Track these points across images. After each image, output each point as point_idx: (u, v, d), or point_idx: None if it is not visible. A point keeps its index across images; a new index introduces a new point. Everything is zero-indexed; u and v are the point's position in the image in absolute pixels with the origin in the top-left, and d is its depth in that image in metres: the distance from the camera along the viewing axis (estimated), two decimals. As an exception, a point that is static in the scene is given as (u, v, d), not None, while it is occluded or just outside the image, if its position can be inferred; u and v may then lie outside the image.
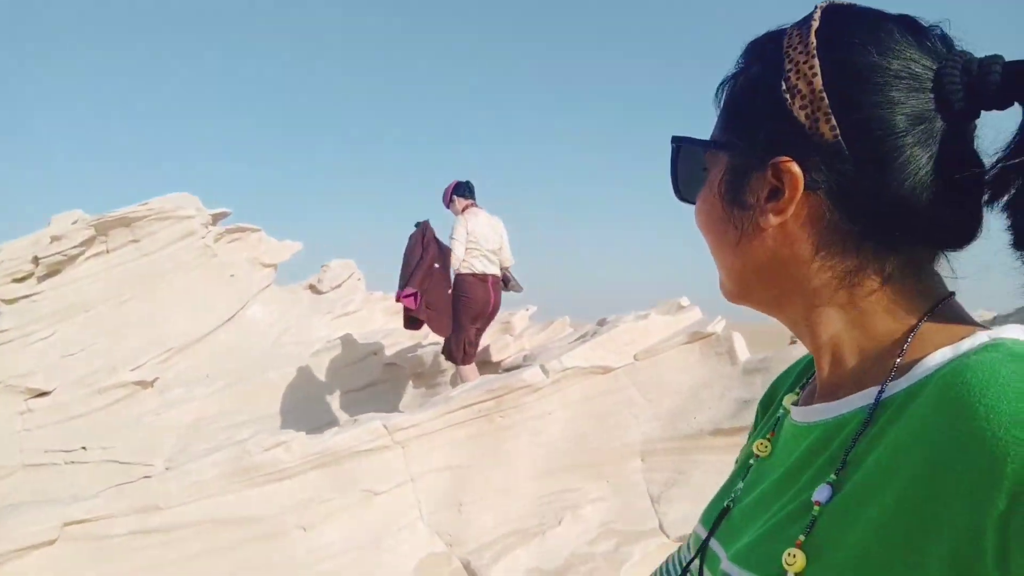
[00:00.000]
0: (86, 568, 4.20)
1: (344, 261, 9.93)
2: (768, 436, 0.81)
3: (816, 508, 0.60)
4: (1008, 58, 0.61)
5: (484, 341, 7.17)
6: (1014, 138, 0.60)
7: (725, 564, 0.70)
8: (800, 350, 5.45)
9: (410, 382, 7.81)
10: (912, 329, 0.64)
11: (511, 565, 4.50)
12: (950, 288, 0.69)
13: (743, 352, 5.26)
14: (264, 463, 4.57)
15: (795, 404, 0.78)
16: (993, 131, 0.63)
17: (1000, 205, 0.62)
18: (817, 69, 0.65)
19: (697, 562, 0.81)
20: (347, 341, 8.12)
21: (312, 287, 9.67)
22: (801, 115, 0.65)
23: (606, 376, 5.32)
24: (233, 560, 4.41)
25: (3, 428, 6.73)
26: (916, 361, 0.61)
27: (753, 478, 0.79)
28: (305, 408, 7.60)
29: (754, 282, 0.74)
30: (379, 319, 9.29)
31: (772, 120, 0.67)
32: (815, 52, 0.66)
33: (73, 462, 6.85)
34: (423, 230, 6.63)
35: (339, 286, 9.65)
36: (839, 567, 0.56)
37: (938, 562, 0.49)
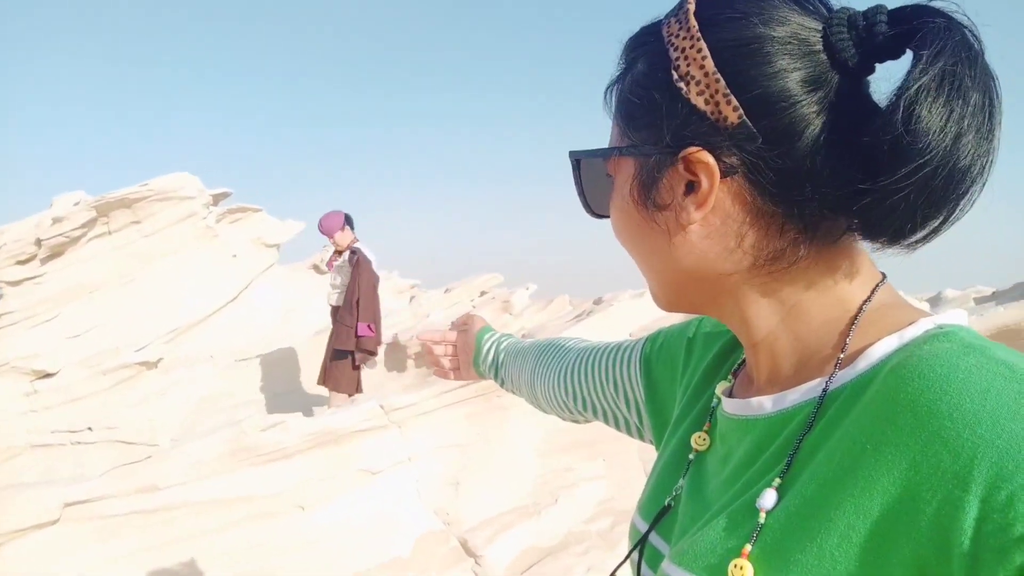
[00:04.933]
0: (87, 547, 4.26)
1: (347, 240, 9.91)
2: (705, 428, 0.78)
3: (762, 516, 0.57)
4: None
5: (485, 319, 7.17)
6: (902, 82, 0.55)
7: (667, 565, 0.67)
8: None
9: (411, 361, 7.84)
10: (854, 317, 0.62)
11: (508, 543, 4.53)
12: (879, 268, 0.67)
13: (740, 329, 5.24)
14: (262, 443, 4.60)
15: (728, 394, 0.76)
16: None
17: None
18: (706, 51, 0.61)
19: (636, 555, 0.79)
20: (349, 321, 8.14)
21: (315, 267, 9.70)
22: (700, 101, 0.62)
23: (603, 354, 5.31)
24: (232, 539, 4.46)
25: (9, 409, 6.78)
26: (860, 351, 0.59)
27: (694, 473, 0.76)
28: (308, 388, 7.65)
29: (687, 283, 0.70)
30: (383, 299, 9.30)
31: (671, 113, 0.64)
32: (699, 35, 0.62)
33: (79, 443, 6.91)
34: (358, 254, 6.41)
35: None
36: (796, 573, 0.52)
37: (902, 570, 0.47)
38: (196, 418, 7.15)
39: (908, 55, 0.57)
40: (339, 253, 6.39)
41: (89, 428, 6.84)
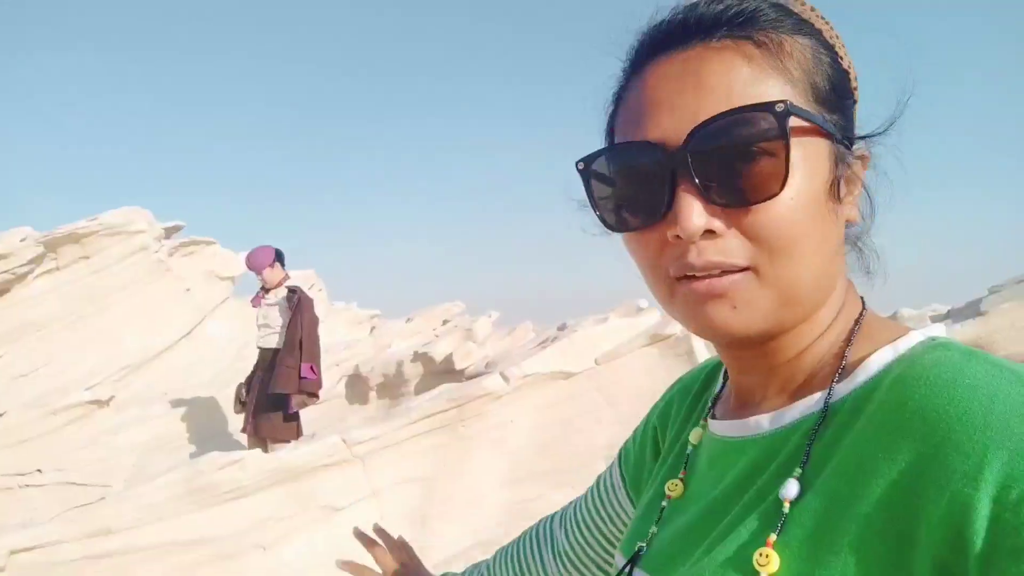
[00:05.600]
0: (35, 597, 4.07)
1: (304, 272, 9.82)
2: (680, 476, 0.75)
3: (786, 505, 0.56)
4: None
5: (447, 349, 7.11)
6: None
7: None
8: None
9: (373, 392, 7.73)
10: (851, 333, 0.63)
11: (476, 577, 4.44)
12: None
13: (702, 353, 5.25)
14: (219, 482, 4.46)
15: (713, 419, 0.74)
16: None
17: None
18: (846, 51, 0.64)
19: None
20: (309, 353, 8.00)
21: (272, 300, 9.53)
22: (856, 96, 0.64)
23: (568, 381, 5.29)
24: (190, 583, 4.30)
25: (-48, 453, 6.51)
26: (856, 364, 0.59)
27: (670, 516, 0.73)
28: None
29: (821, 292, 0.62)
30: (341, 330, 9.18)
31: (845, 100, 0.63)
32: (836, 32, 0.64)
33: (28, 485, 6.65)
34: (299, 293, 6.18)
35: (300, 297, 9.53)
36: (822, 567, 0.51)
37: (924, 570, 0.47)
38: (150, 458, 6.93)
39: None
40: (266, 291, 6.02)
41: (38, 470, 6.59)
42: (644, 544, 0.73)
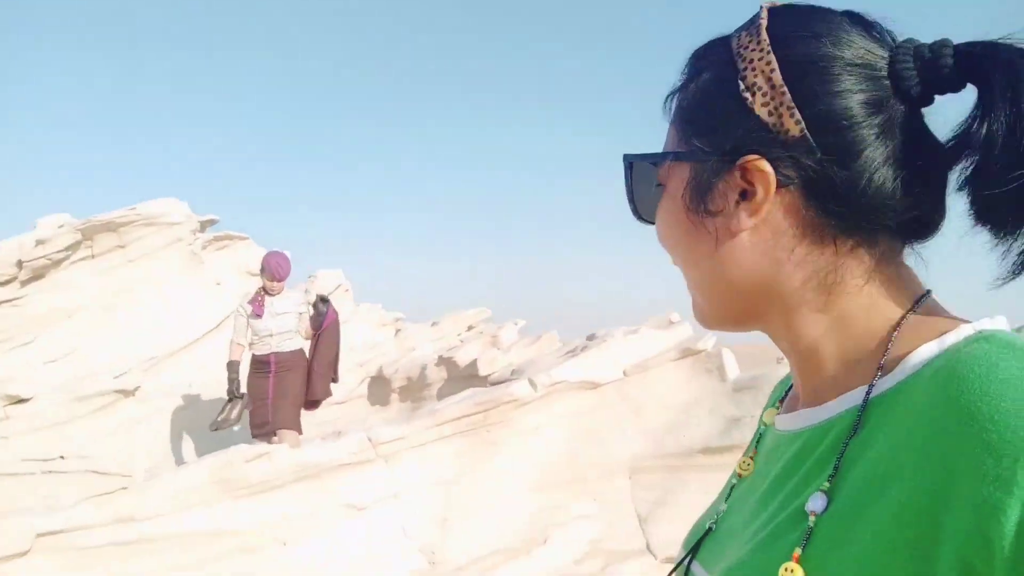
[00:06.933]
0: (60, 579, 4.09)
1: (333, 271, 9.85)
2: (751, 455, 0.80)
3: (812, 519, 0.57)
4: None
5: (472, 354, 7.10)
6: (971, 115, 0.60)
7: None
8: (787, 367, 5.46)
9: (395, 395, 7.73)
10: (895, 326, 0.63)
11: (497, 584, 4.41)
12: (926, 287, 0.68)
13: (733, 370, 5.21)
14: (245, 475, 4.48)
15: (778, 414, 0.77)
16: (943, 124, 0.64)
17: (959, 184, 0.62)
18: (775, 64, 0.64)
19: None
20: (334, 352, 8.02)
21: (301, 297, 9.58)
22: (764, 112, 0.64)
23: (595, 391, 5.26)
24: (211, 573, 4.31)
25: (-21, 435, 6.58)
26: (901, 358, 0.60)
27: (736, 497, 0.77)
28: (290, 420, 7.49)
29: (734, 295, 0.70)
30: (367, 331, 9.20)
31: (733, 121, 0.66)
32: (769, 48, 0.65)
33: (51, 471, 6.70)
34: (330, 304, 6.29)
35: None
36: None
37: (947, 571, 0.47)
38: (173, 449, 6.98)
39: (971, 90, 0.61)
40: (267, 293, 5.97)
41: (61, 457, 6.65)
42: (713, 524, 0.77)
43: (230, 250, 8.82)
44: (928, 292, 0.67)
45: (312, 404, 6.18)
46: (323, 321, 6.04)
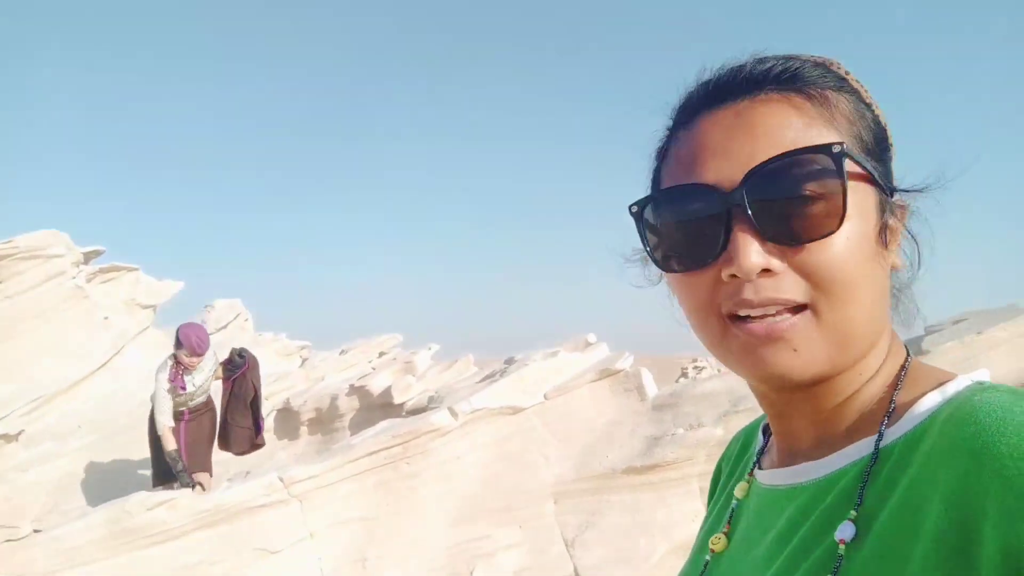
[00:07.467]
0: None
1: (230, 301, 9.51)
2: (724, 530, 0.76)
3: (841, 547, 0.56)
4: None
5: (385, 382, 6.92)
6: None
7: None
8: (704, 386, 5.38)
9: (304, 427, 7.44)
10: (897, 377, 0.64)
11: (421, 622, 4.24)
12: None
13: (652, 388, 5.23)
14: (146, 524, 4.16)
15: (760, 470, 0.76)
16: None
17: None
18: (881, 111, 0.67)
19: None
20: (235, 386, 7.66)
21: (196, 329, 9.15)
22: (893, 152, 0.67)
23: (516, 416, 5.17)
24: (111, 635, 3.98)
25: None
26: (905, 408, 0.60)
27: (714, 570, 0.75)
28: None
29: (875, 339, 0.64)
30: (270, 361, 8.85)
31: (885, 153, 0.66)
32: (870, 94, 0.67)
33: (-76, 527, 6.12)
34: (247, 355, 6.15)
35: (225, 327, 9.21)
36: None
37: None
38: (62, 496, 6.49)
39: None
40: (183, 367, 5.65)
41: (-64, 510, 6.07)
42: None
43: (118, 282, 8.35)
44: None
45: (241, 451, 5.89)
46: (237, 372, 5.82)
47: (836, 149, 0.59)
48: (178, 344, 5.46)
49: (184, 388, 5.53)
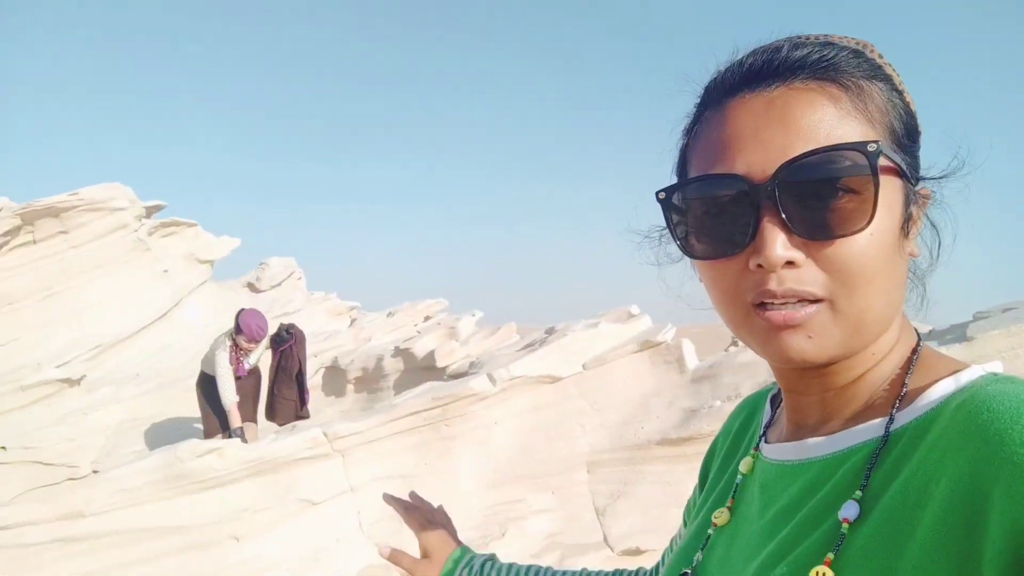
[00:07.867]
0: (1, 579, 3.95)
1: (284, 259, 9.71)
2: (728, 504, 0.79)
3: (845, 526, 0.58)
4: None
5: (429, 345, 7.05)
6: None
7: None
8: (743, 357, 5.35)
9: (351, 385, 7.63)
10: (909, 362, 0.66)
11: (453, 578, 4.37)
12: None
13: (692, 360, 5.24)
14: (196, 470, 4.36)
15: (767, 444, 0.77)
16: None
17: None
18: (910, 96, 0.68)
19: None
20: (286, 342, 7.88)
21: (250, 285, 9.42)
22: (919, 142, 0.68)
23: (554, 385, 5.25)
24: (161, 571, 4.19)
25: (-86, 426, 6.33)
26: (918, 393, 0.61)
27: (718, 545, 0.77)
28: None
29: (887, 325, 0.66)
30: (320, 320, 9.08)
31: (913, 142, 0.68)
32: (901, 79, 0.68)
33: (-8, 463, 6.48)
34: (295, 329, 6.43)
35: (279, 285, 9.43)
36: None
37: None
38: (119, 440, 6.79)
39: None
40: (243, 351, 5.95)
41: (3, 447, 6.42)
42: (689, 571, 0.77)
43: (178, 237, 8.61)
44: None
45: (285, 422, 6.15)
46: (284, 345, 6.09)
47: (872, 148, 0.60)
48: (238, 330, 5.65)
49: (242, 374, 5.84)
